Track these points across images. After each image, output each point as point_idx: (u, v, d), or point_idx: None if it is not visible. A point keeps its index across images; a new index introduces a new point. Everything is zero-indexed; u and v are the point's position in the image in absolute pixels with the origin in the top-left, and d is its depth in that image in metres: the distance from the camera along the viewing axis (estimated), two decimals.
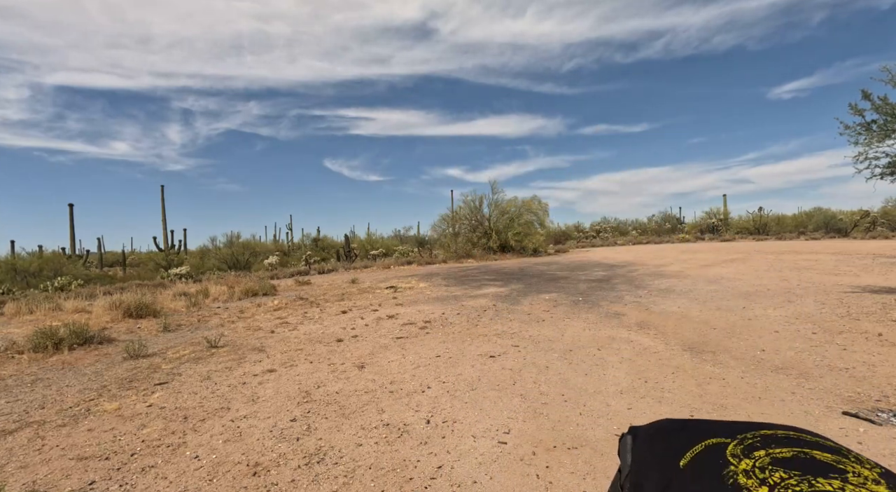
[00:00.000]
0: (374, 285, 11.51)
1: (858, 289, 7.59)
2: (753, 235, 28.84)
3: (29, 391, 4.11)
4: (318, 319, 7.18)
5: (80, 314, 8.11)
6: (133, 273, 17.91)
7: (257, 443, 2.88)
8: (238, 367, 4.62)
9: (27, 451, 2.89)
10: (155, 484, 2.43)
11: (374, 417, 3.24)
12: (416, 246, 25.28)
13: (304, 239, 27.90)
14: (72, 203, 19.47)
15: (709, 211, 32.85)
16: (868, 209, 27.66)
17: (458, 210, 24.30)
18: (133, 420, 3.33)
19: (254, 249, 21.89)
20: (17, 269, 14.58)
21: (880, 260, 12.19)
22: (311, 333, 6.09)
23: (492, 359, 4.52)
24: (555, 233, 29.14)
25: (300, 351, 5.16)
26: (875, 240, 22.17)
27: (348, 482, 2.38)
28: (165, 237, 21.16)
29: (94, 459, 2.74)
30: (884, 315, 5.57)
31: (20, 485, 2.46)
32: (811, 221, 28.79)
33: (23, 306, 9.03)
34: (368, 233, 30.11)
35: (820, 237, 25.94)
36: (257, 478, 2.45)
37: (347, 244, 22.55)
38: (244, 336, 6.09)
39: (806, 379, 3.61)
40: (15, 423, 3.37)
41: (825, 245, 19.62)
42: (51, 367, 4.93)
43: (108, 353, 5.44)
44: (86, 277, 14.79)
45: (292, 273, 16.71)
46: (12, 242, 17.46)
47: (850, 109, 7.96)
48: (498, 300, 8.22)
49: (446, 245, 23.47)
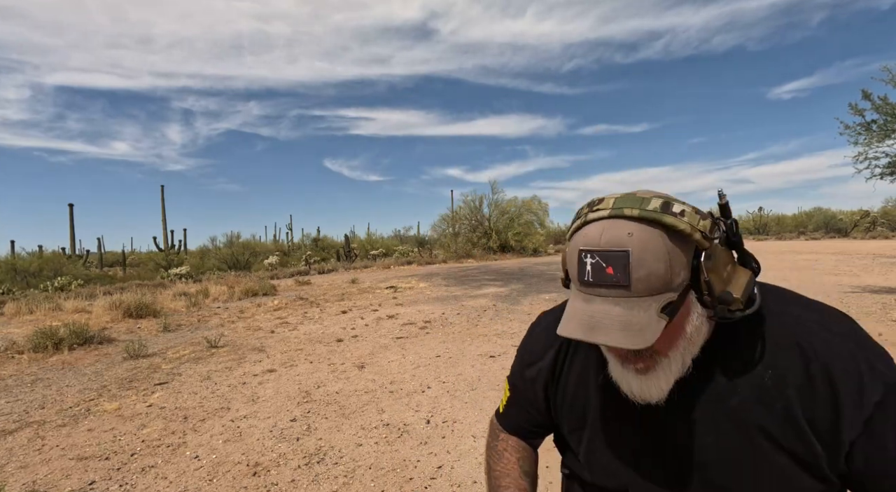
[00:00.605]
0: (374, 285, 11.51)
1: (858, 289, 7.59)
2: (753, 235, 28.82)
3: (29, 391, 4.11)
4: (318, 319, 7.19)
5: (80, 314, 8.11)
6: (133, 273, 17.91)
7: (257, 443, 2.88)
8: (238, 367, 4.62)
9: (27, 451, 2.89)
10: (155, 484, 2.43)
11: (374, 417, 3.24)
12: (416, 246, 25.28)
13: (304, 239, 27.91)
14: (72, 203, 19.47)
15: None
16: (868, 209, 27.67)
17: (458, 210, 24.31)
18: (133, 420, 3.33)
19: (254, 250, 21.89)
20: (17, 269, 14.58)
21: (880, 260, 12.19)
22: (311, 333, 6.09)
23: (492, 359, 4.52)
24: (555, 233, 29.13)
25: (300, 351, 5.16)
26: (875, 240, 22.17)
27: (348, 482, 2.38)
28: (165, 237, 21.16)
29: (94, 459, 2.74)
30: (884, 315, 5.57)
31: (20, 485, 2.46)
32: (811, 221, 28.78)
33: (23, 306, 9.03)
34: (368, 233, 30.12)
35: (820, 237, 25.94)
36: (257, 478, 2.45)
37: (347, 244, 22.55)
38: (244, 336, 6.09)
39: None
40: (15, 423, 3.37)
41: (825, 245, 19.63)
42: (51, 367, 4.93)
43: (108, 353, 5.44)
44: (86, 277, 14.79)
45: (292, 273, 16.71)
46: (12, 242, 17.46)
47: (850, 109, 7.96)
48: (498, 300, 8.21)
49: (446, 245, 23.48)
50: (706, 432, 0.59)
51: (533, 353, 0.78)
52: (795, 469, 0.56)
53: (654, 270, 0.52)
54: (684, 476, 0.62)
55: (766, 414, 0.56)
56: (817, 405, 0.55)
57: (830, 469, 0.55)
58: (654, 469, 0.64)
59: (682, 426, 0.61)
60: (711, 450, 0.60)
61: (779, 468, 0.56)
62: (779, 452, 0.56)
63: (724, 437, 0.59)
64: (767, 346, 0.59)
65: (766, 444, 0.57)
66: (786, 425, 0.56)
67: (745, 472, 0.58)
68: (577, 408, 0.72)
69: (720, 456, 0.59)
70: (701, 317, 0.58)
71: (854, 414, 0.53)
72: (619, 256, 0.52)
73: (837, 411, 0.54)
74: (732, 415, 0.58)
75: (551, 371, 0.74)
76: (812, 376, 0.55)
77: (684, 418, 0.61)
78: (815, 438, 0.55)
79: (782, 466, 0.56)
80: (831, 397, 0.54)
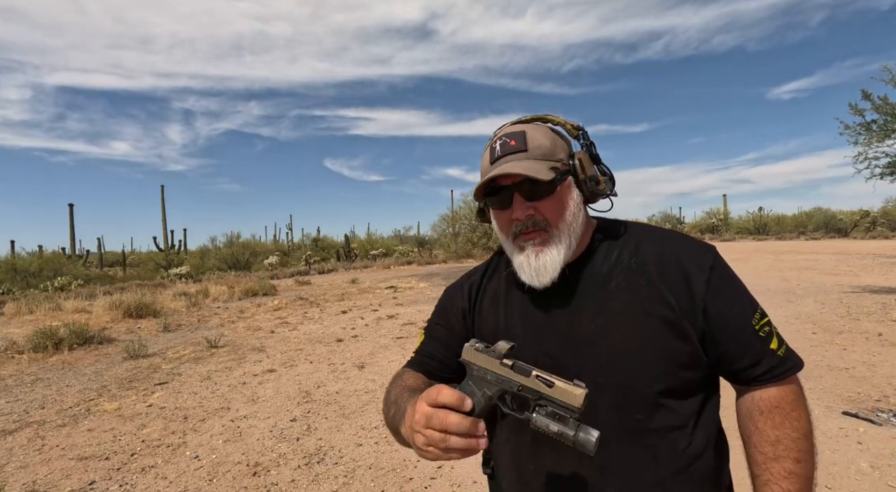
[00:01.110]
0: (374, 285, 11.51)
1: (858, 289, 7.59)
2: (753, 234, 28.82)
3: (29, 391, 4.11)
4: (318, 319, 7.19)
5: (80, 314, 8.11)
6: (133, 273, 17.91)
7: (257, 443, 2.88)
8: (238, 367, 4.62)
9: (27, 451, 2.89)
10: (155, 484, 2.43)
11: (374, 417, 3.24)
12: (416, 246, 25.27)
13: (304, 239, 27.91)
14: (72, 203, 19.49)
15: (709, 211, 32.89)
16: (868, 209, 27.65)
17: (458, 210, 24.29)
18: (133, 420, 3.33)
19: (254, 249, 21.89)
20: (17, 269, 14.58)
21: (880, 260, 12.20)
22: (311, 333, 6.09)
23: None
24: None
25: (300, 351, 5.16)
26: (875, 240, 22.17)
27: (348, 482, 2.38)
28: (165, 237, 21.16)
29: (94, 459, 2.74)
30: (884, 315, 5.57)
31: (20, 485, 2.46)
32: (811, 221, 28.78)
33: (23, 306, 9.03)
34: (368, 233, 30.12)
35: (820, 237, 25.94)
36: (257, 478, 2.45)
37: (347, 244, 22.55)
38: (244, 336, 6.09)
39: (806, 379, 3.61)
40: (15, 423, 3.37)
41: (825, 245, 19.63)
42: (51, 367, 4.93)
43: (108, 353, 5.44)
44: (86, 277, 14.79)
45: (292, 273, 16.71)
46: (12, 242, 17.47)
47: (850, 109, 7.96)
48: None
49: (446, 245, 23.48)
50: (592, 315, 0.72)
51: (452, 297, 0.90)
52: (666, 333, 0.68)
53: (542, 143, 0.74)
54: (577, 354, 0.72)
55: (636, 290, 0.71)
56: (671, 275, 0.71)
57: (692, 327, 0.68)
58: (552, 349, 0.74)
59: (572, 311, 0.74)
60: (599, 329, 0.71)
61: (652, 332, 0.68)
62: (650, 318, 0.69)
63: (606, 316, 0.71)
64: (631, 241, 0.77)
65: (640, 315, 0.69)
66: (652, 295, 0.70)
67: (629, 342, 0.69)
68: (489, 323, 0.82)
69: (608, 333, 0.70)
70: (579, 203, 0.75)
71: (699, 277, 0.70)
72: (518, 133, 0.74)
73: (687, 278, 0.70)
74: (612, 296, 0.72)
75: (469, 300, 0.86)
76: (665, 256, 0.73)
77: (575, 304, 0.74)
78: (675, 300, 0.69)
79: (655, 329, 0.68)
80: (680, 269, 0.71)
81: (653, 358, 0.68)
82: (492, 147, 0.76)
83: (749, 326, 0.69)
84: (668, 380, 0.68)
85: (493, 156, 0.75)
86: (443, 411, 0.56)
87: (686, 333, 0.68)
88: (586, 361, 0.70)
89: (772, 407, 0.69)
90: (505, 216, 0.76)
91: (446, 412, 0.55)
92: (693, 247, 0.75)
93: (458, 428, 0.54)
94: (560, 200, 0.73)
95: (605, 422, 0.66)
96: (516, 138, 0.73)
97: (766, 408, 0.69)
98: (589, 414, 0.59)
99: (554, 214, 0.73)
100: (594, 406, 0.66)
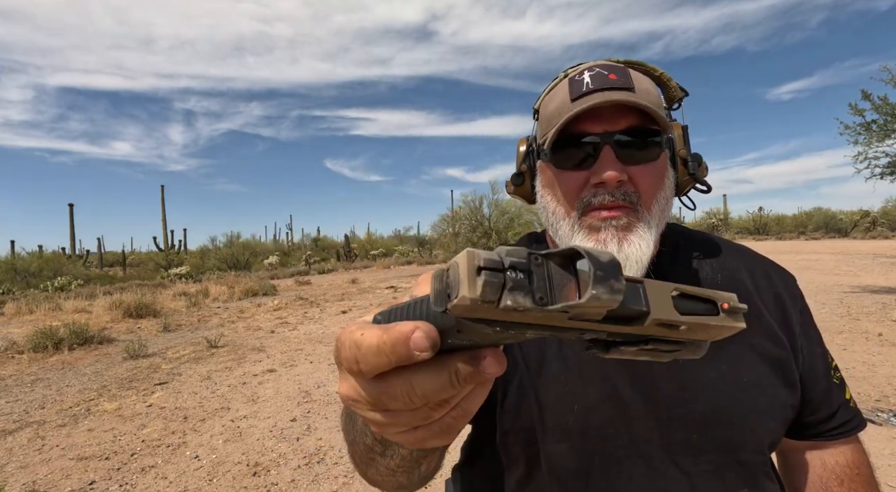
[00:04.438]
0: (375, 285, 11.51)
1: (858, 289, 7.59)
2: (753, 235, 28.84)
3: (29, 391, 4.11)
4: (318, 318, 7.19)
5: (80, 314, 8.11)
6: (133, 273, 17.91)
7: (257, 443, 2.88)
8: (238, 367, 4.62)
9: (27, 451, 2.89)
10: (155, 484, 2.43)
11: None
12: (416, 246, 25.28)
13: (304, 239, 27.92)
14: (72, 203, 19.50)
15: (709, 211, 32.85)
16: (868, 209, 27.66)
17: (458, 210, 24.27)
18: (133, 420, 3.33)
19: (254, 250, 21.88)
20: (17, 269, 14.58)
21: (880, 260, 12.20)
22: (311, 333, 6.09)
23: None
24: None
25: (300, 351, 5.16)
26: (875, 240, 22.18)
27: (348, 482, 2.38)
28: (165, 237, 21.16)
29: (94, 459, 2.74)
30: (884, 315, 5.57)
31: (20, 485, 2.46)
32: (811, 221, 28.79)
33: (23, 306, 9.03)
34: (368, 233, 30.13)
35: (820, 237, 25.95)
36: (257, 478, 2.45)
37: (347, 244, 22.55)
38: (244, 336, 6.10)
39: None
40: (15, 423, 3.37)
41: (825, 245, 19.64)
42: (51, 367, 4.93)
43: (108, 353, 5.44)
44: (86, 277, 14.79)
45: (292, 273, 16.71)
46: (12, 242, 17.48)
47: (850, 109, 7.96)
48: None
49: (446, 245, 23.47)
50: None
51: None
52: (774, 377, 0.50)
53: (650, 90, 0.54)
54: (659, 400, 0.49)
55: None
56: (768, 300, 0.54)
57: (796, 370, 0.52)
58: (621, 392, 0.51)
59: None
60: (694, 372, 0.49)
61: (760, 375, 0.49)
62: (755, 355, 0.50)
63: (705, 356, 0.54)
64: (706, 247, 0.60)
65: (745, 351, 0.50)
66: (755, 325, 0.50)
67: (736, 387, 0.50)
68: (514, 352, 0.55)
69: (706, 374, 0.50)
70: (671, 187, 0.56)
71: (794, 306, 0.55)
72: (619, 68, 0.53)
73: (783, 307, 0.54)
74: None
75: None
76: (756, 274, 0.56)
77: None
78: (783, 334, 0.52)
79: (763, 371, 0.50)
80: (774, 293, 0.55)
81: (765, 411, 0.50)
82: (574, 80, 0.52)
83: (830, 373, 0.57)
84: (776, 443, 0.53)
85: (575, 91, 0.51)
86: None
87: (793, 379, 0.52)
88: (674, 411, 0.50)
89: (853, 475, 0.55)
90: (577, 179, 0.53)
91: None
92: (778, 267, 0.58)
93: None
94: (661, 171, 0.53)
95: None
96: (618, 72, 0.51)
97: (845, 476, 0.54)
98: (679, 485, 0.46)
99: (651, 188, 0.52)
100: (685, 474, 0.48)
